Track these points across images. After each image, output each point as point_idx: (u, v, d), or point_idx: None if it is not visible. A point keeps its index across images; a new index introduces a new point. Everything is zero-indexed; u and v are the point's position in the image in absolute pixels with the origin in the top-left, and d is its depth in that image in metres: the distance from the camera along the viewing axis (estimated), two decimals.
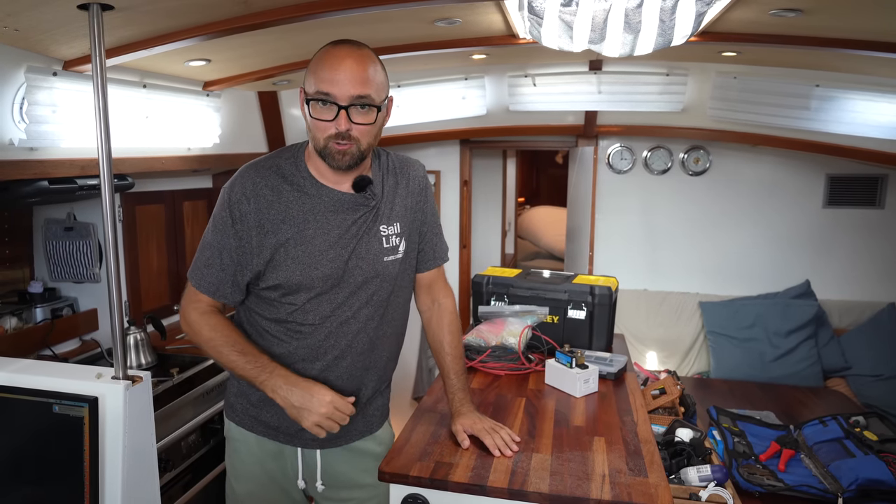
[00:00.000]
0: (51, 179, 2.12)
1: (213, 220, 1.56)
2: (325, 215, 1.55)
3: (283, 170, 1.56)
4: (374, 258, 1.60)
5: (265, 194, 1.52)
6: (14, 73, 1.91)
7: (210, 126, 2.93)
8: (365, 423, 1.73)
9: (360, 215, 1.58)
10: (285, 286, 1.55)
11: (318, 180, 1.56)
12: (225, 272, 1.55)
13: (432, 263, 1.80)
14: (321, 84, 1.42)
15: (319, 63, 1.45)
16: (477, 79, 3.66)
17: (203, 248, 1.57)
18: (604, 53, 1.81)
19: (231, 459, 1.75)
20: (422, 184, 1.73)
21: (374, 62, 1.47)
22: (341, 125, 1.43)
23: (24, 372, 1.51)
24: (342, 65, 1.42)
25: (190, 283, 1.59)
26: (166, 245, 3.12)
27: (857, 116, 3.24)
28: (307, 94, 1.46)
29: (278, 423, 1.65)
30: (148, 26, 1.85)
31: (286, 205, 1.53)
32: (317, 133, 1.47)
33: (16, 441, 1.46)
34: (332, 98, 1.42)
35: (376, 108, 1.47)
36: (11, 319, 2.47)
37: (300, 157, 1.58)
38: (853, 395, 3.78)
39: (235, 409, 1.71)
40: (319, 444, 1.68)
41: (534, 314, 2.28)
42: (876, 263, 4.17)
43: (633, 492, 1.40)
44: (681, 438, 2.53)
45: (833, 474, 2.63)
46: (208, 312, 1.58)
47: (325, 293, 1.57)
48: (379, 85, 1.47)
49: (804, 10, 1.98)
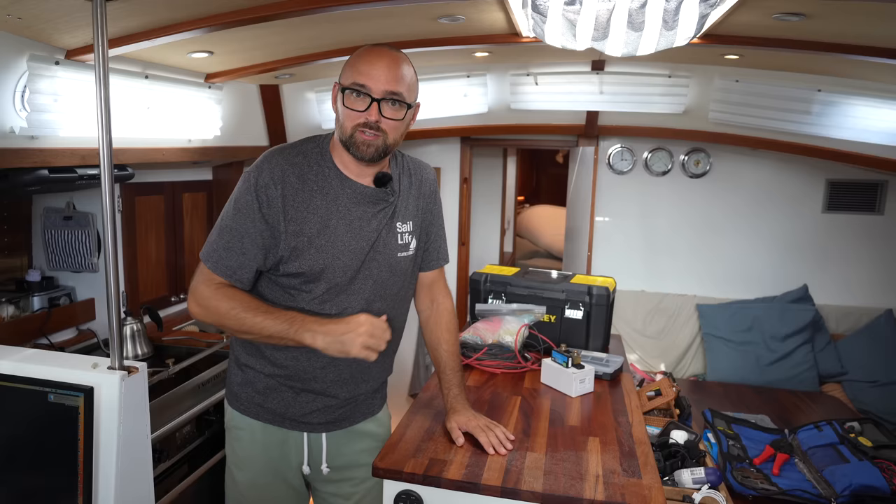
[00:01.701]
0: (51, 168, 2.11)
1: (234, 203, 1.56)
2: (348, 207, 1.59)
3: (310, 158, 1.59)
4: (390, 253, 1.65)
5: (292, 181, 1.55)
6: (16, 61, 1.90)
7: (211, 118, 2.92)
8: (368, 407, 1.79)
9: (380, 209, 1.63)
10: (308, 274, 1.57)
11: (343, 172, 1.60)
12: (245, 256, 1.55)
13: (436, 264, 1.86)
14: (358, 76, 1.50)
15: (358, 58, 1.53)
16: (479, 76, 3.66)
17: (223, 231, 1.56)
18: (606, 52, 1.81)
19: (233, 447, 1.77)
20: (432, 187, 1.80)
21: (409, 65, 1.57)
22: (372, 115, 1.50)
23: (20, 360, 1.51)
24: (380, 61, 1.51)
25: (204, 265, 1.57)
26: (165, 236, 3.12)
27: (858, 122, 3.25)
28: (342, 85, 1.53)
29: (284, 410, 1.68)
30: (151, 17, 1.84)
31: (311, 193, 1.56)
32: (346, 122, 1.53)
33: (10, 429, 1.46)
34: (367, 90, 1.50)
35: (406, 105, 1.55)
36: (8, 307, 2.47)
37: (325, 147, 1.62)
38: (849, 400, 3.79)
39: (240, 398, 1.72)
40: (325, 428, 1.72)
41: (531, 313, 2.28)
42: (874, 269, 4.18)
43: (627, 492, 1.40)
44: (675, 440, 2.53)
45: (827, 479, 2.64)
46: (223, 285, 1.57)
47: (343, 284, 1.60)
48: (410, 85, 1.56)
49: (807, 15, 1.98)
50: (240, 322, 1.52)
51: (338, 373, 1.67)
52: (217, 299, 1.54)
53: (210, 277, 1.56)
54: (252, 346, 1.68)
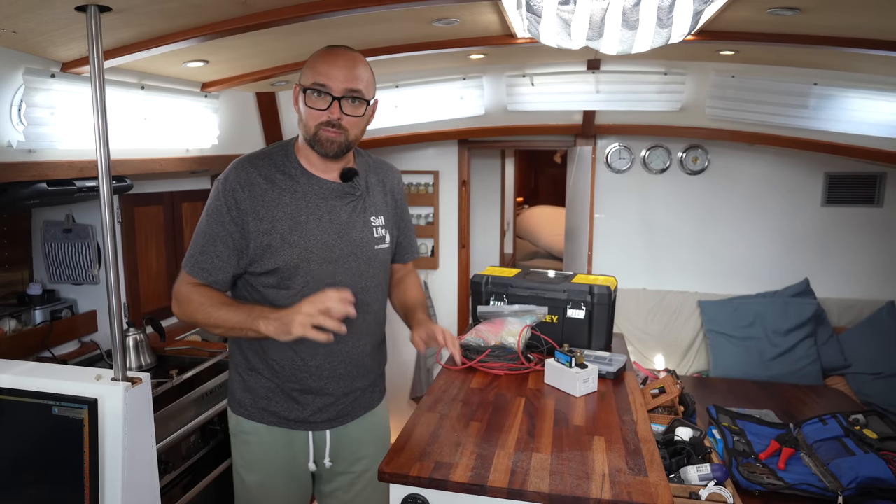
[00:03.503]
0: (49, 181, 2.12)
1: (206, 210, 1.65)
2: (316, 202, 1.67)
3: (275, 161, 1.68)
4: (367, 246, 1.74)
5: (259, 183, 1.63)
6: (12, 74, 1.90)
7: (208, 127, 2.92)
8: (367, 401, 1.87)
9: (348, 202, 1.72)
10: (283, 269, 1.64)
11: (309, 170, 1.68)
12: (219, 258, 1.63)
13: (409, 256, 2.00)
14: (318, 76, 1.58)
15: (316, 59, 1.62)
16: (475, 79, 3.66)
17: (197, 237, 1.65)
18: (602, 51, 1.82)
19: (240, 452, 1.82)
20: (400, 186, 1.92)
21: (365, 63, 1.66)
22: (334, 113, 1.59)
23: (23, 374, 1.51)
24: (337, 61, 1.60)
25: (184, 270, 1.66)
26: (165, 246, 3.12)
27: (855, 115, 3.25)
28: (303, 86, 1.61)
29: (287, 413, 1.75)
30: (146, 28, 1.85)
31: (279, 192, 1.64)
32: (309, 122, 1.61)
33: (16, 443, 1.46)
34: (327, 89, 1.58)
35: (366, 102, 1.64)
36: (10, 322, 2.47)
37: (290, 149, 1.71)
38: (853, 393, 3.78)
39: (244, 403, 1.77)
40: (328, 426, 1.79)
41: (533, 314, 2.27)
42: (875, 261, 4.18)
43: (634, 491, 1.40)
44: (680, 437, 2.53)
45: (833, 472, 2.63)
46: (199, 285, 1.65)
47: (321, 278, 1.66)
48: (368, 82, 1.65)
49: (802, 9, 1.98)
50: (207, 315, 1.60)
51: (332, 369, 1.74)
52: (191, 294, 1.63)
53: (188, 280, 1.65)
54: (252, 353, 1.74)
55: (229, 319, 1.58)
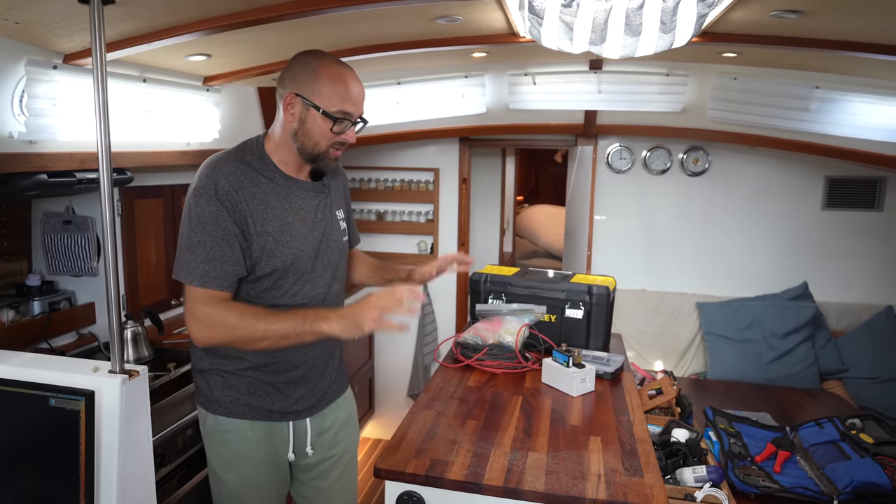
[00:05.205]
0: (50, 173, 2.11)
1: (198, 219, 1.58)
2: (297, 202, 1.72)
3: (253, 163, 1.68)
4: (336, 238, 1.83)
5: (246, 185, 1.63)
6: (14, 66, 1.90)
7: (210, 121, 2.92)
8: (338, 385, 1.95)
9: (320, 200, 1.80)
10: (280, 270, 1.67)
11: (285, 171, 1.72)
12: (228, 262, 1.59)
13: (354, 243, 2.10)
14: (346, 104, 1.64)
15: (339, 82, 1.63)
16: (477, 77, 3.66)
17: (195, 248, 1.57)
18: (604, 55, 1.81)
19: (218, 451, 1.79)
20: (345, 177, 2.02)
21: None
22: (351, 138, 1.69)
23: (20, 365, 1.51)
24: (355, 86, 1.67)
25: (191, 287, 1.58)
26: (165, 240, 3.12)
27: (856, 119, 3.25)
28: (327, 110, 1.62)
29: (271, 405, 1.76)
30: (148, 20, 1.85)
31: (265, 195, 1.66)
32: (322, 140, 1.66)
33: (12, 434, 1.46)
34: (352, 117, 1.66)
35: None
36: (9, 312, 2.47)
37: (262, 151, 1.71)
38: (850, 397, 3.79)
39: (223, 402, 1.76)
40: (308, 413, 1.82)
41: (531, 313, 2.28)
42: (874, 266, 4.18)
43: (629, 492, 1.40)
44: (677, 439, 2.52)
45: (828, 476, 2.64)
46: (224, 300, 1.60)
47: (307, 273, 1.72)
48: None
49: (805, 12, 1.98)
50: (253, 330, 1.55)
51: (315, 355, 1.80)
52: (224, 314, 1.56)
53: (205, 296, 1.57)
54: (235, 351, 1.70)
55: (280, 329, 1.54)
